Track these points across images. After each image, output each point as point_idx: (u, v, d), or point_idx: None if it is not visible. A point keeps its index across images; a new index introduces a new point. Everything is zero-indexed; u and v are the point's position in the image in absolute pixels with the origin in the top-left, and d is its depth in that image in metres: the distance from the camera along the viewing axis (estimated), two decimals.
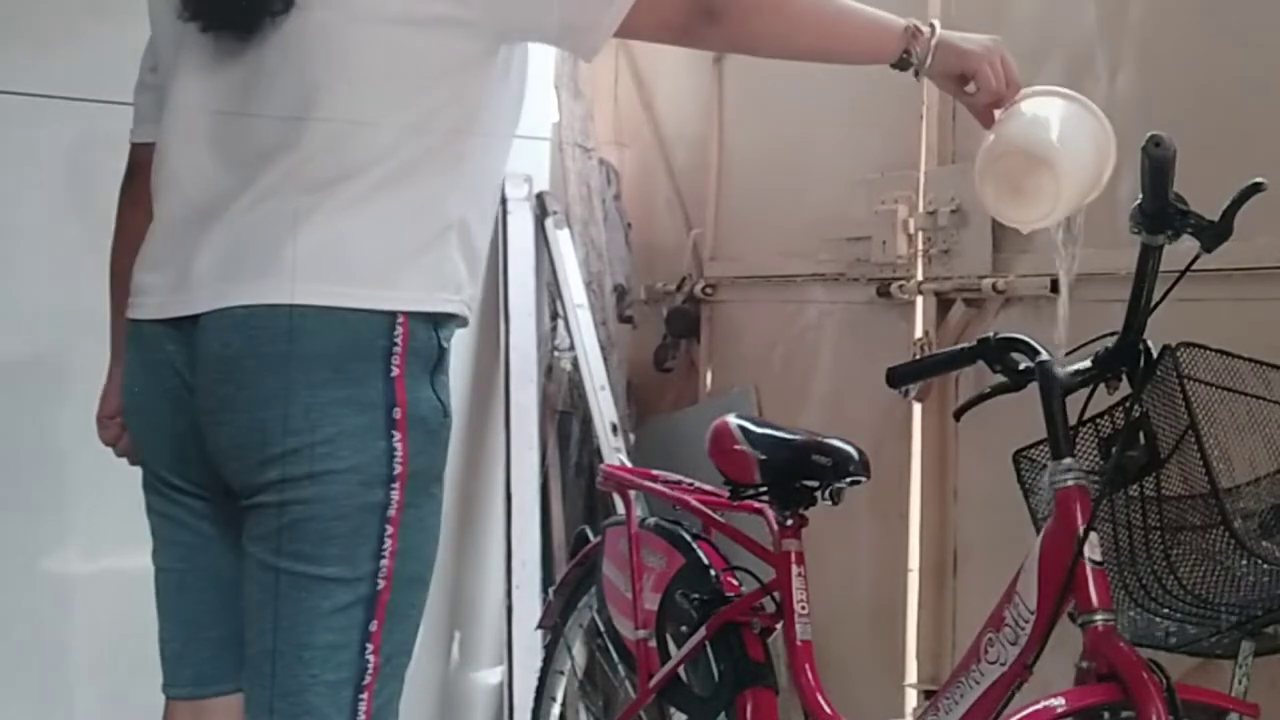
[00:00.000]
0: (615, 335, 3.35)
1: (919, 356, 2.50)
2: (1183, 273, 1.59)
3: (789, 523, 2.02)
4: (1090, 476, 1.63)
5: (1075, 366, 1.66)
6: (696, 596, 2.10)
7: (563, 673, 2.59)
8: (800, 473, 2.00)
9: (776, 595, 2.03)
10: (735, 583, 2.14)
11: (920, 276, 2.58)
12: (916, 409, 2.59)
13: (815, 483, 1.99)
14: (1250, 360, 1.67)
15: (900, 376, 1.85)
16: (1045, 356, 1.65)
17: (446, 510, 1.55)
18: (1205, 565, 1.57)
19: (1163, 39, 2.15)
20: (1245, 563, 1.54)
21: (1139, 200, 1.56)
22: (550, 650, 2.60)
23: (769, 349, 3.05)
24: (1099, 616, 1.54)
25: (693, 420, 3.07)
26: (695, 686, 2.11)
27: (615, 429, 3.10)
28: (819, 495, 2.00)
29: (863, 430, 2.46)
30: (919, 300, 2.59)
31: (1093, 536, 1.56)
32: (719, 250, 3.26)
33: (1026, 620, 1.61)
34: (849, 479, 1.95)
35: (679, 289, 3.30)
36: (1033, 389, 1.65)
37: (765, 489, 2.05)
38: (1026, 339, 1.69)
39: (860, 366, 2.70)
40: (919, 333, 2.59)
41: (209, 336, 1.45)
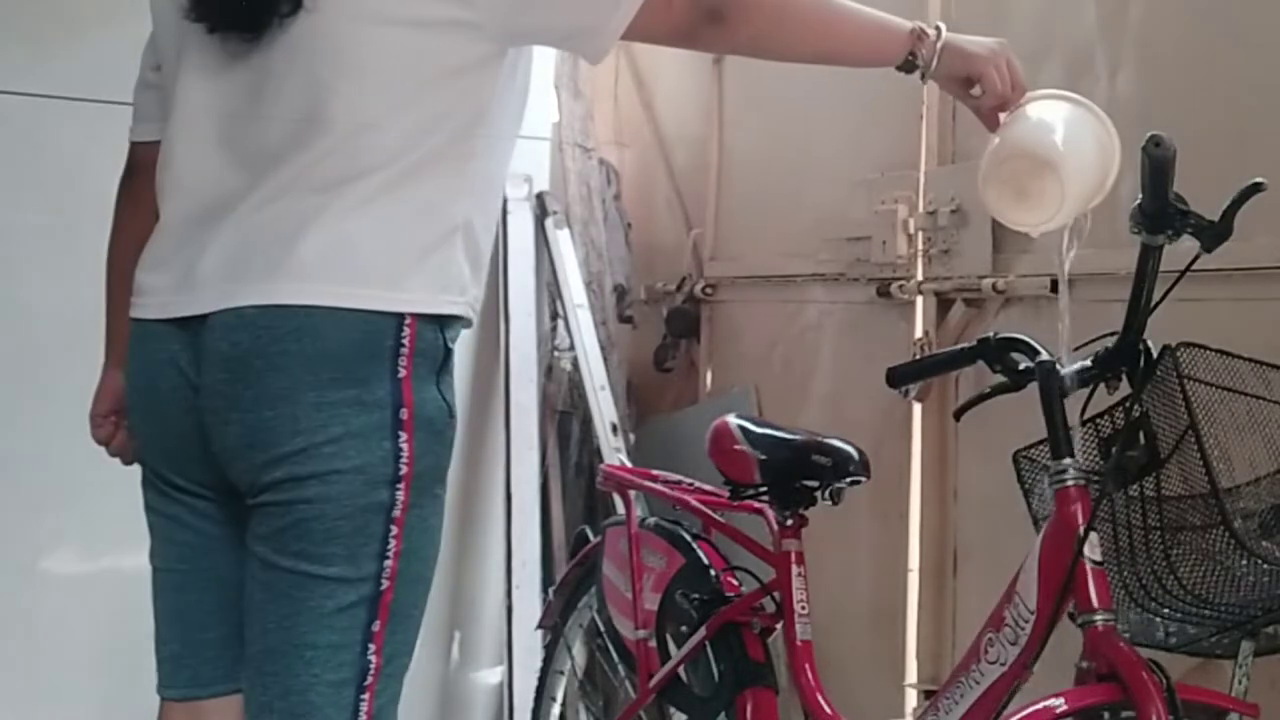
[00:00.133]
0: (615, 335, 3.35)
1: (919, 356, 2.50)
2: (1183, 273, 1.59)
3: (789, 523, 2.02)
4: (1090, 476, 1.63)
5: (1075, 366, 1.66)
6: (696, 596, 2.10)
7: (563, 673, 2.59)
8: (800, 473, 2.00)
9: (776, 595, 2.03)
10: (735, 583, 2.14)
11: (920, 276, 2.58)
12: (916, 409, 2.59)
13: (815, 483, 1.99)
14: (1250, 360, 1.67)
15: (900, 376, 1.85)
16: (1045, 356, 1.65)
17: (446, 510, 1.55)
18: (1205, 565, 1.56)
19: (1163, 39, 2.15)
20: (1245, 563, 1.54)
21: (1139, 200, 1.56)
22: (550, 650, 2.60)
23: (769, 349, 3.05)
24: (1099, 616, 1.54)
25: (693, 420, 3.06)
26: (695, 686, 2.11)
27: (615, 429, 3.10)
28: (819, 495, 2.00)
29: (863, 430, 2.46)
30: (919, 300, 2.59)
31: (1093, 536, 1.56)
32: (719, 250, 3.26)
33: (1026, 620, 1.61)
34: (849, 479, 1.95)
35: (679, 289, 3.30)
36: (1033, 389, 1.65)
37: (765, 489, 2.05)
38: (1026, 339, 1.69)
39: (860, 366, 2.70)
40: (919, 333, 2.59)
41: (217, 336, 1.44)
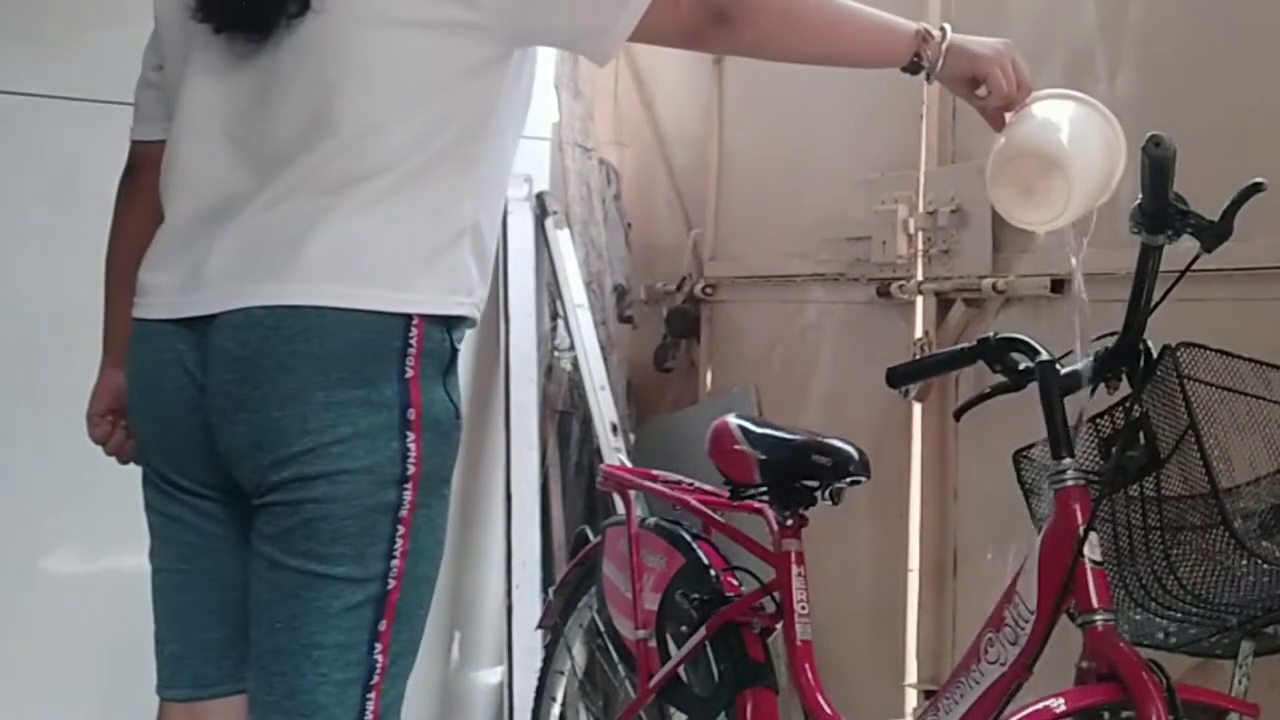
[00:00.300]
0: (615, 335, 3.34)
1: (919, 356, 2.50)
2: (1183, 273, 1.59)
3: (789, 523, 2.02)
4: (1090, 476, 1.63)
5: (1075, 366, 1.66)
6: (696, 596, 2.10)
7: (563, 673, 2.59)
8: (800, 473, 2.00)
9: (776, 595, 2.03)
10: (735, 583, 2.14)
11: (920, 276, 2.58)
12: (916, 409, 2.59)
13: (815, 483, 1.99)
14: (1250, 360, 1.67)
15: (900, 376, 1.85)
16: (1045, 356, 1.65)
17: None
18: (1205, 565, 1.56)
19: (1163, 39, 2.15)
20: (1245, 563, 1.54)
21: (1139, 200, 1.57)
22: (550, 650, 2.60)
23: (769, 349, 3.05)
24: (1099, 616, 1.54)
25: (693, 420, 3.06)
26: (695, 686, 2.11)
27: (615, 429, 3.10)
28: (819, 495, 2.00)
29: (863, 430, 2.46)
30: (919, 300, 2.59)
31: (1093, 536, 1.56)
32: (719, 250, 3.26)
33: (1026, 620, 1.61)
34: (849, 479, 1.95)
35: (679, 289, 3.30)
36: (1033, 389, 1.65)
37: (765, 489, 2.05)
38: (1026, 339, 1.69)
39: (860, 366, 2.70)
40: (919, 333, 2.59)
41: (224, 336, 1.44)
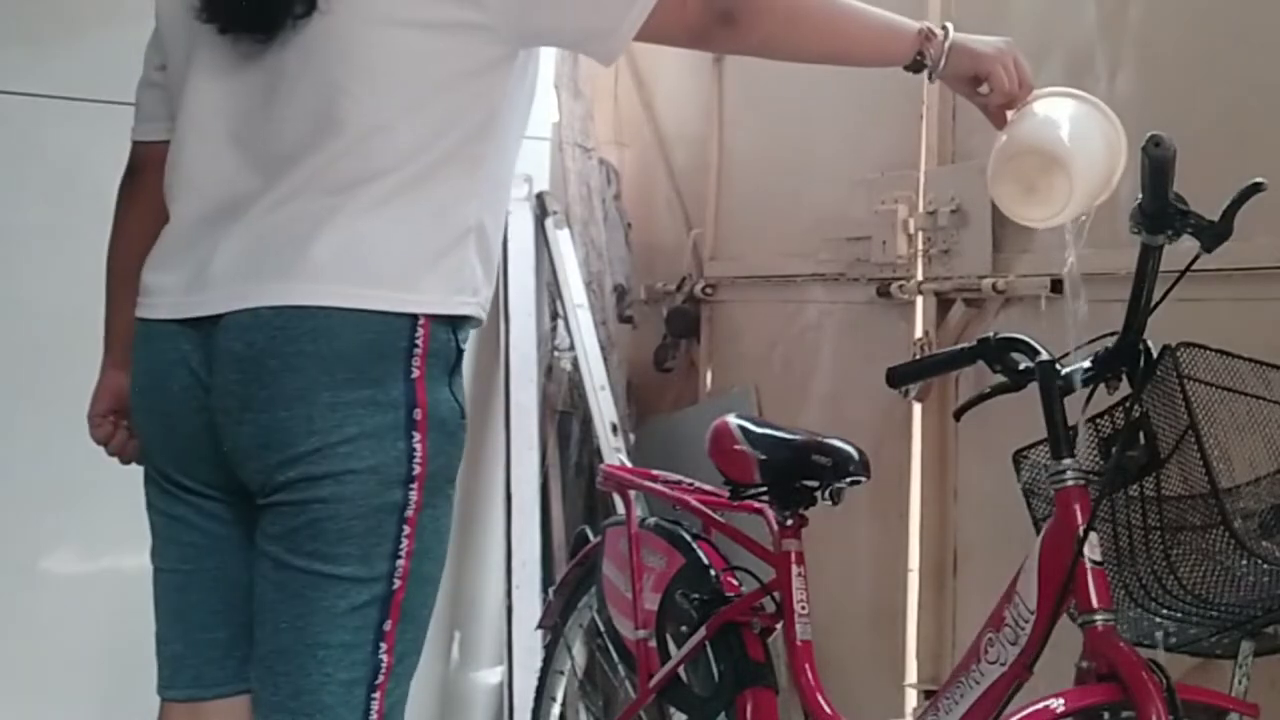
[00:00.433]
0: (615, 335, 3.34)
1: (919, 356, 2.50)
2: (1183, 273, 1.59)
3: (789, 523, 2.02)
4: (1090, 476, 1.63)
5: (1075, 366, 1.66)
6: (696, 596, 2.10)
7: (563, 673, 2.59)
8: (800, 473, 2.00)
9: (776, 595, 2.03)
10: (735, 583, 2.14)
11: (920, 276, 2.58)
12: (916, 409, 2.59)
13: (815, 483, 1.99)
14: (1250, 360, 1.67)
15: (900, 376, 1.85)
16: (1045, 356, 1.65)
17: None
18: (1205, 565, 1.56)
19: (1163, 39, 2.15)
20: (1245, 563, 1.54)
21: (1139, 200, 1.57)
22: (550, 650, 2.60)
23: (769, 349, 3.05)
24: (1099, 616, 1.55)
25: (693, 420, 3.06)
26: (695, 686, 2.11)
27: (615, 429, 3.09)
28: (819, 495, 2.00)
29: (863, 430, 2.46)
30: (919, 300, 2.59)
31: (1093, 536, 1.56)
32: (719, 250, 3.26)
33: (1026, 620, 1.61)
34: (849, 479, 1.95)
35: (679, 289, 3.30)
36: (1033, 389, 1.65)
37: (765, 489, 2.05)
38: (1026, 339, 1.69)
39: (860, 366, 2.70)
40: (919, 333, 2.59)
41: (231, 336, 1.44)
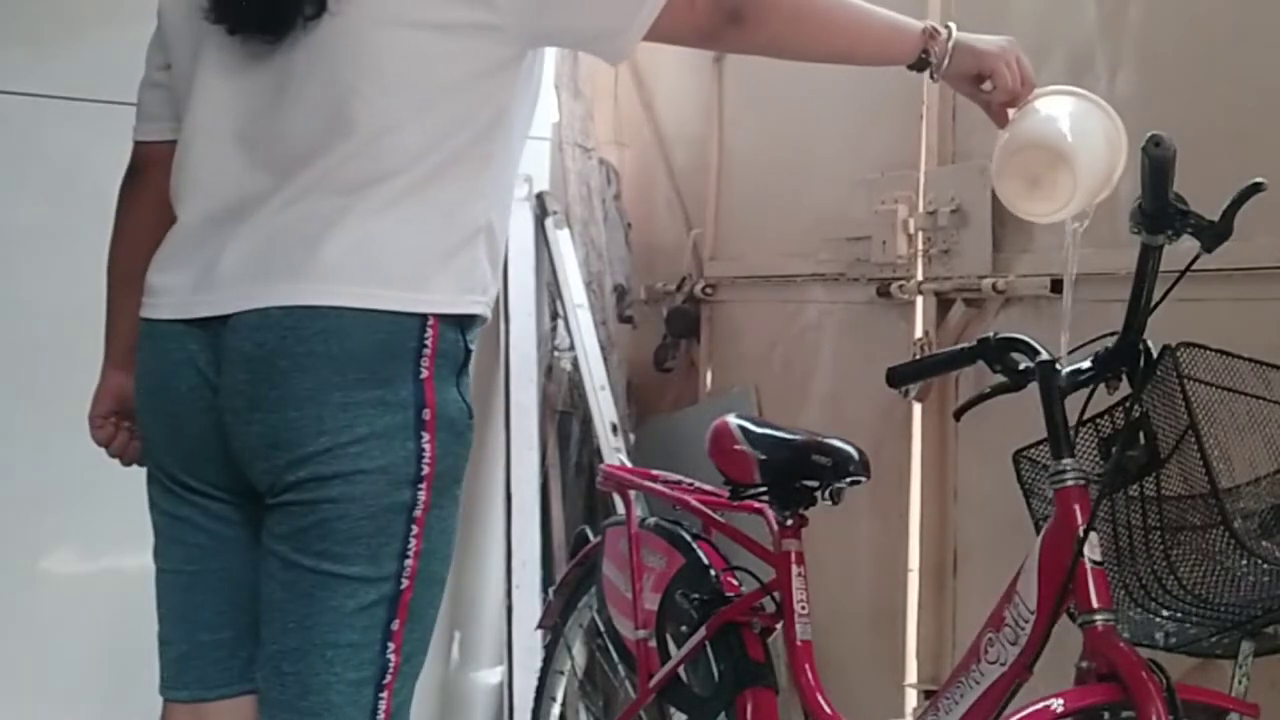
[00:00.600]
0: (615, 335, 3.34)
1: (919, 356, 2.50)
2: (1183, 273, 1.59)
3: (789, 523, 2.02)
4: (1090, 476, 1.63)
5: (1075, 366, 1.66)
6: (696, 596, 2.10)
7: (563, 673, 2.59)
8: (800, 473, 2.00)
9: (776, 595, 2.03)
10: (735, 583, 2.14)
11: (920, 276, 2.58)
12: (916, 409, 2.59)
13: (815, 483, 1.99)
14: (1250, 360, 1.67)
15: (900, 376, 1.85)
16: (1045, 356, 1.65)
17: None
18: (1205, 565, 1.56)
19: (1163, 39, 2.15)
20: (1245, 563, 1.54)
21: (1139, 200, 1.57)
22: (550, 650, 2.60)
23: (769, 349, 3.05)
24: (1099, 616, 1.54)
25: (693, 420, 3.06)
26: (695, 686, 2.11)
27: (615, 429, 3.09)
28: (819, 495, 1.99)
29: (863, 430, 2.46)
30: (919, 300, 2.59)
31: (1093, 536, 1.56)
32: (719, 250, 3.26)
33: (1026, 620, 1.61)
34: (849, 479, 1.95)
35: (679, 289, 3.30)
36: (1033, 389, 1.65)
37: (765, 489, 2.05)
38: (1026, 339, 1.69)
39: (860, 366, 2.70)
40: (919, 333, 2.59)
41: (240, 336, 1.44)
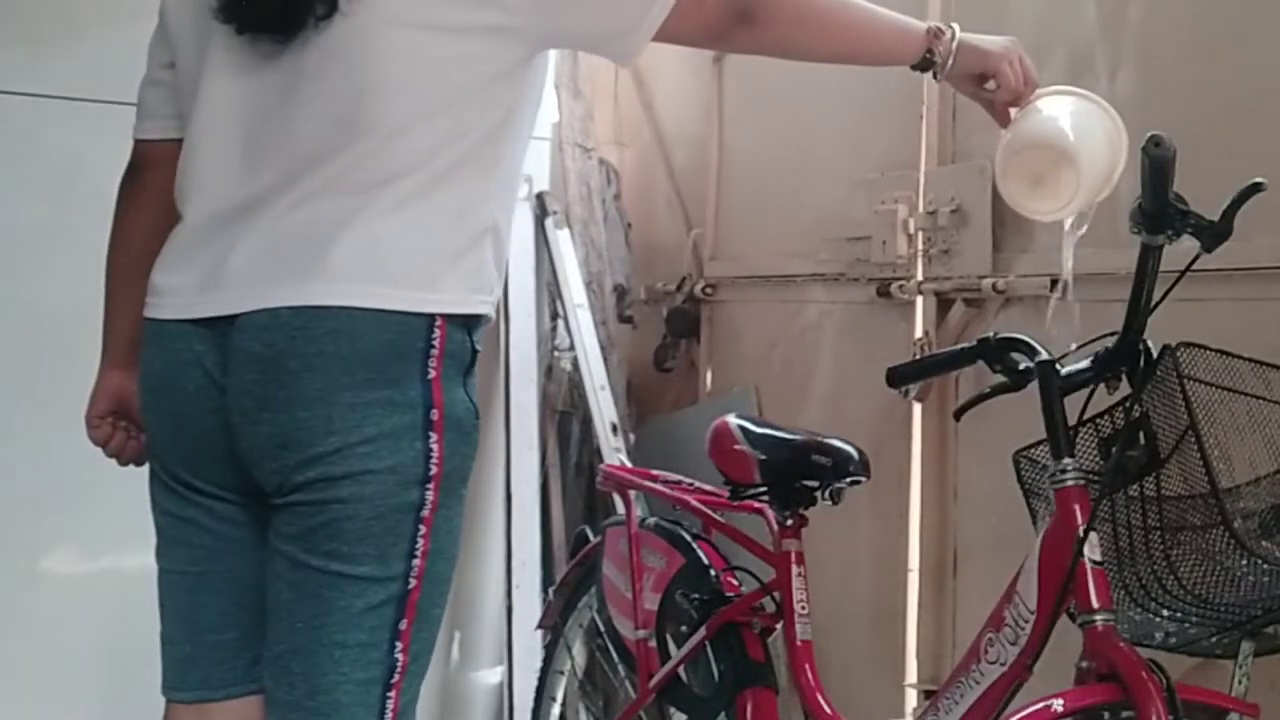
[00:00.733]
0: (615, 335, 3.34)
1: (919, 356, 2.50)
2: (1183, 273, 1.59)
3: (789, 523, 2.02)
4: (1090, 476, 1.63)
5: (1075, 366, 1.66)
6: (696, 596, 2.10)
7: (563, 673, 2.59)
8: (800, 473, 2.00)
9: (776, 595, 2.03)
10: (735, 583, 2.14)
11: (920, 276, 2.58)
12: (916, 409, 2.59)
13: (815, 483, 1.99)
14: (1250, 360, 1.67)
15: (900, 376, 1.85)
16: (1045, 356, 1.65)
17: None
18: (1205, 565, 1.56)
19: (1163, 39, 2.15)
20: (1245, 563, 1.54)
21: (1139, 200, 1.57)
22: (550, 650, 2.60)
23: (769, 349, 3.05)
24: (1099, 616, 1.54)
25: (693, 420, 3.06)
26: (695, 686, 2.11)
27: (615, 429, 3.09)
28: (819, 495, 2.00)
29: (863, 430, 2.46)
30: (919, 300, 2.59)
31: (1093, 536, 1.56)
32: (719, 250, 3.26)
33: (1026, 620, 1.61)
34: (849, 479, 1.95)
35: (679, 289, 3.30)
36: (1033, 389, 1.65)
37: (765, 489, 2.05)
38: (1026, 339, 1.69)
39: (860, 366, 2.70)
40: (919, 333, 2.59)
41: (248, 336, 1.44)
